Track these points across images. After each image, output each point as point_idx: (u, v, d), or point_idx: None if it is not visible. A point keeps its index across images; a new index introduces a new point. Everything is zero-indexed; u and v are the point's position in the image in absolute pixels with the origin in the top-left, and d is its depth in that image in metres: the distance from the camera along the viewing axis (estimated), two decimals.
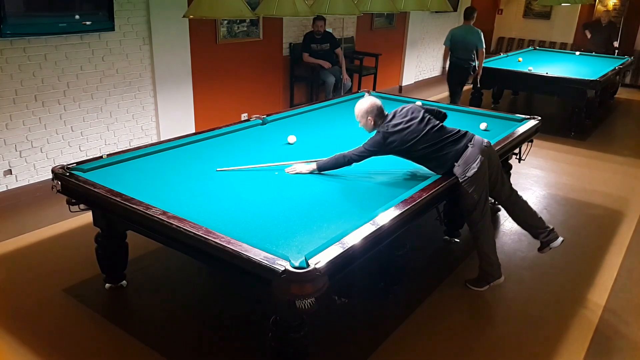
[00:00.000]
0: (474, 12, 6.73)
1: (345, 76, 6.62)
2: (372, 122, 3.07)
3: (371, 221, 2.37)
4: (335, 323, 2.84)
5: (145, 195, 2.56)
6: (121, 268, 3.14)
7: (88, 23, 4.29)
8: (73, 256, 3.49)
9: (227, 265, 2.18)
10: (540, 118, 4.23)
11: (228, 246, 2.10)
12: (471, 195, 3.00)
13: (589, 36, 9.37)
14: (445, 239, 3.85)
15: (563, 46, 10.74)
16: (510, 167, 4.40)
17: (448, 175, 3.01)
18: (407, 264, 3.14)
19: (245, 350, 2.69)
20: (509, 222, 3.86)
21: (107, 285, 3.13)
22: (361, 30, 7.79)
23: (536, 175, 5.28)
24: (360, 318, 2.96)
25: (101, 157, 3.11)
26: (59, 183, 2.81)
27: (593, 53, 8.71)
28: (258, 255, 2.04)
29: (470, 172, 2.95)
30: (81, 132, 4.60)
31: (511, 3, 11.59)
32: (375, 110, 3.05)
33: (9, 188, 4.25)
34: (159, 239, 2.60)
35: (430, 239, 3.89)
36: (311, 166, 3.07)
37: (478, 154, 2.97)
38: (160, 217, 2.34)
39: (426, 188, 2.81)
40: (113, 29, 4.51)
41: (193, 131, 4.96)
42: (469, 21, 6.72)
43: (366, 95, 3.11)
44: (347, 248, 2.14)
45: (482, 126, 3.98)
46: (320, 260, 2.01)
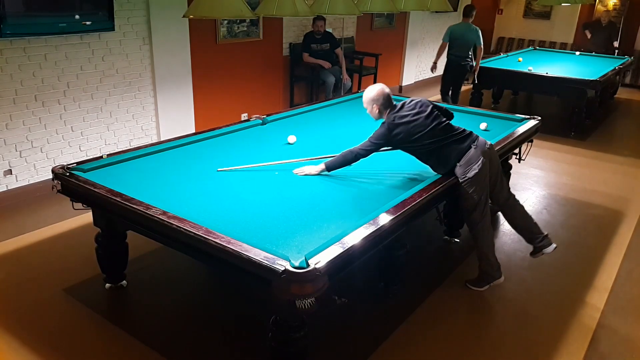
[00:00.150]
0: (473, 10, 6.80)
1: (345, 76, 6.62)
2: (377, 111, 3.06)
3: (371, 221, 2.37)
4: (335, 323, 2.84)
5: (145, 195, 2.56)
6: (121, 268, 3.14)
7: (88, 23, 4.29)
8: (73, 256, 3.49)
9: (227, 265, 2.18)
10: (540, 118, 4.23)
11: (228, 246, 2.10)
12: (471, 195, 3.00)
13: (589, 36, 9.37)
14: (445, 239, 3.85)
15: (563, 46, 10.74)
16: (510, 167, 4.40)
17: (448, 174, 3.01)
18: (407, 264, 3.14)
19: (245, 350, 2.69)
20: None
21: (107, 285, 3.13)
22: (361, 30, 7.79)
23: (536, 175, 5.28)
24: (360, 318, 2.96)
25: (101, 157, 3.11)
26: (59, 183, 2.81)
27: (593, 53, 8.71)
28: (258, 255, 2.04)
29: (471, 173, 2.95)
30: (81, 132, 4.60)
31: (511, 3, 11.58)
32: (381, 99, 3.03)
33: (9, 188, 4.25)
34: (159, 239, 2.60)
35: (430, 239, 3.89)
36: (320, 167, 3.05)
37: (480, 155, 2.97)
38: (160, 217, 2.34)
39: (426, 188, 2.81)
40: (113, 29, 4.51)
41: (193, 131, 4.96)
42: (468, 19, 6.78)
43: (376, 84, 3.09)
44: (347, 248, 2.14)
45: (482, 126, 3.98)
46: (320, 260, 2.01)
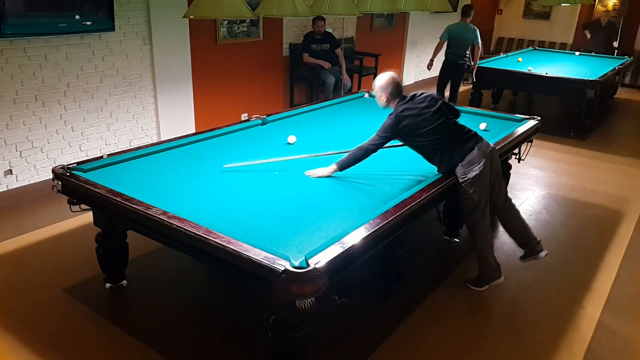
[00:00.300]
0: (471, 10, 6.88)
1: (345, 76, 6.62)
2: (385, 99, 3.05)
3: (371, 221, 2.37)
4: (335, 323, 2.84)
5: (145, 195, 2.56)
6: (121, 268, 3.14)
7: (88, 23, 4.29)
8: (73, 256, 3.50)
9: (227, 265, 2.18)
10: (539, 118, 4.23)
11: (228, 246, 2.11)
12: (471, 196, 3.00)
13: (589, 36, 9.37)
14: (445, 239, 3.86)
15: (563, 46, 10.74)
16: (509, 167, 4.40)
17: (449, 174, 3.02)
18: (407, 264, 3.15)
19: (245, 350, 2.69)
20: None
21: (108, 285, 3.13)
22: (361, 30, 7.79)
23: (536, 175, 5.29)
24: (360, 318, 2.96)
25: (101, 157, 3.12)
26: (60, 183, 2.81)
27: (593, 53, 8.71)
28: (258, 255, 2.04)
29: (472, 174, 2.95)
30: (81, 132, 4.61)
31: (511, 3, 11.59)
32: (390, 87, 3.02)
33: (9, 188, 4.25)
34: (159, 239, 2.60)
35: (430, 239, 3.89)
36: (331, 167, 3.02)
37: (482, 157, 2.97)
38: (160, 217, 2.35)
39: (426, 188, 2.81)
40: (113, 29, 4.51)
41: (193, 131, 4.96)
42: (466, 18, 6.85)
43: (389, 72, 3.09)
44: (347, 248, 2.14)
45: (482, 126, 3.98)
46: (320, 260, 2.02)
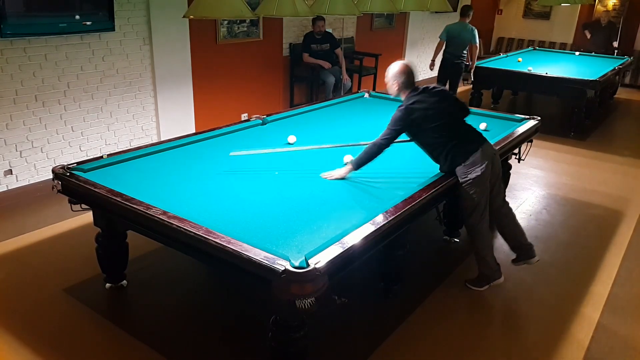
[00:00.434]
0: (470, 11, 6.95)
1: (345, 76, 6.62)
2: (397, 88, 3.03)
3: (371, 221, 2.37)
4: (335, 323, 2.84)
5: (145, 195, 2.56)
6: (121, 268, 3.14)
7: (88, 23, 4.29)
8: (73, 256, 3.50)
9: (227, 265, 2.18)
10: (539, 118, 4.23)
11: (228, 246, 2.11)
12: (471, 197, 3.00)
13: (589, 36, 9.37)
14: (445, 239, 3.86)
15: (563, 46, 10.75)
16: (510, 167, 4.40)
17: (450, 173, 3.02)
18: (407, 264, 3.15)
19: (245, 350, 2.69)
20: None
21: (108, 285, 3.13)
22: (361, 30, 7.79)
23: (536, 175, 5.29)
24: (360, 318, 2.96)
25: (101, 157, 3.12)
26: (60, 183, 2.81)
27: (593, 53, 8.71)
28: (258, 255, 2.04)
29: (473, 175, 2.95)
30: (81, 132, 4.61)
31: (511, 3, 11.59)
32: (403, 77, 2.99)
33: (9, 188, 4.25)
34: (160, 239, 2.60)
35: (430, 239, 3.89)
36: (347, 168, 3.00)
37: (485, 159, 2.97)
38: (160, 217, 2.34)
39: (426, 188, 2.81)
40: (113, 29, 4.51)
41: (193, 131, 4.96)
42: (465, 18, 6.92)
43: (404, 61, 3.07)
44: (347, 248, 2.14)
45: (482, 126, 3.98)
46: (320, 260, 2.02)
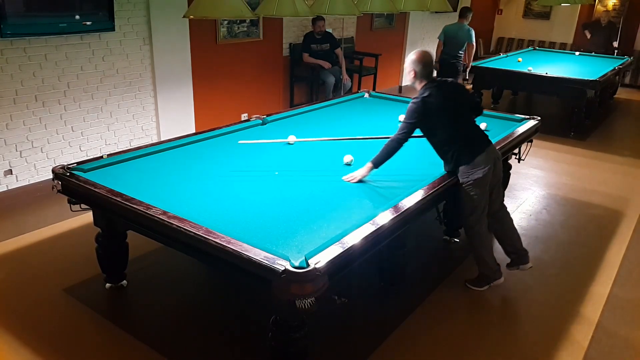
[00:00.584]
0: (468, 12, 7.04)
1: (345, 76, 6.63)
2: (413, 76, 2.98)
3: (371, 221, 2.37)
4: (335, 323, 2.85)
5: (145, 195, 2.56)
6: (121, 268, 3.14)
7: (88, 23, 4.30)
8: (73, 256, 3.50)
9: (227, 265, 2.18)
10: (539, 118, 4.23)
11: (228, 246, 2.11)
12: (471, 198, 3.00)
13: (589, 36, 9.37)
14: (445, 239, 3.86)
15: (563, 46, 10.75)
16: (510, 167, 4.40)
17: (452, 173, 3.02)
18: (407, 264, 3.15)
19: (245, 350, 2.69)
20: None
21: (108, 285, 3.13)
22: (361, 30, 7.79)
23: (536, 175, 5.29)
24: (360, 318, 2.96)
25: (101, 157, 3.12)
26: (60, 183, 2.81)
27: (593, 53, 8.71)
28: (258, 255, 2.04)
29: (474, 176, 2.95)
30: (81, 132, 4.61)
31: (511, 3, 11.59)
32: (420, 65, 2.94)
33: (9, 188, 4.25)
34: (160, 239, 2.60)
35: (430, 239, 3.89)
36: (367, 167, 2.94)
37: (488, 162, 2.98)
38: (160, 217, 2.34)
39: (426, 188, 2.81)
40: (113, 29, 4.51)
41: (193, 131, 4.96)
42: (463, 19, 7.01)
43: (425, 49, 3.04)
44: (347, 248, 2.14)
45: (482, 126, 3.96)
46: (320, 260, 2.02)
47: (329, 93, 6.45)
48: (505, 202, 3.39)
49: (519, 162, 4.26)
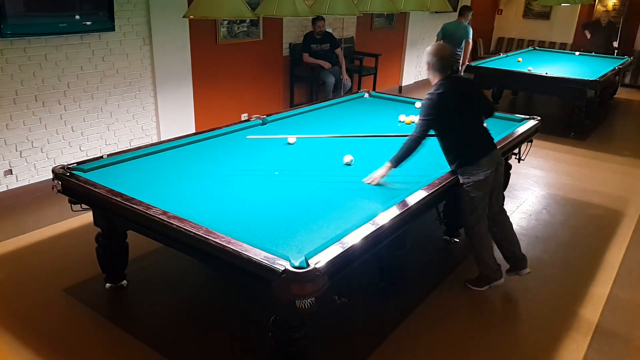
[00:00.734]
0: (467, 11, 7.14)
1: (345, 76, 6.63)
2: (428, 68, 2.98)
3: (371, 221, 2.37)
4: (335, 323, 2.85)
5: (145, 195, 2.56)
6: (121, 268, 3.14)
7: (88, 23, 4.29)
8: (73, 256, 3.50)
9: (227, 265, 2.18)
10: (539, 118, 4.23)
11: (228, 246, 2.11)
12: (471, 199, 3.00)
13: (589, 36, 9.37)
14: (445, 239, 3.86)
15: (563, 46, 10.75)
16: (510, 167, 4.40)
17: (453, 173, 3.02)
18: (407, 264, 3.15)
19: (245, 350, 2.69)
20: None
21: (108, 285, 3.13)
22: (361, 30, 7.79)
23: (536, 175, 5.29)
24: (360, 318, 2.96)
25: (101, 157, 3.12)
26: (60, 183, 2.81)
27: (593, 53, 8.71)
28: (258, 255, 2.04)
29: (475, 178, 2.95)
30: (81, 132, 4.61)
31: (511, 3, 11.59)
32: (434, 58, 2.93)
33: (9, 188, 4.25)
34: (160, 239, 2.60)
35: (430, 239, 3.89)
36: (386, 167, 2.92)
37: (491, 166, 2.98)
38: (160, 217, 2.35)
39: (426, 188, 2.81)
40: (113, 29, 4.51)
41: (193, 131, 4.96)
42: (462, 17, 7.12)
43: (444, 43, 3.02)
44: (347, 248, 2.14)
45: None
46: (320, 260, 2.02)
47: (329, 93, 6.45)
48: (505, 202, 3.39)
49: (519, 162, 4.26)
